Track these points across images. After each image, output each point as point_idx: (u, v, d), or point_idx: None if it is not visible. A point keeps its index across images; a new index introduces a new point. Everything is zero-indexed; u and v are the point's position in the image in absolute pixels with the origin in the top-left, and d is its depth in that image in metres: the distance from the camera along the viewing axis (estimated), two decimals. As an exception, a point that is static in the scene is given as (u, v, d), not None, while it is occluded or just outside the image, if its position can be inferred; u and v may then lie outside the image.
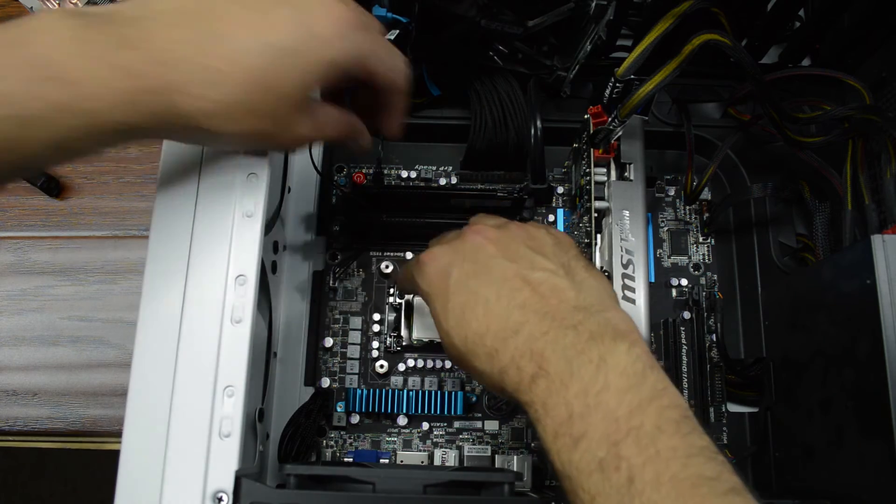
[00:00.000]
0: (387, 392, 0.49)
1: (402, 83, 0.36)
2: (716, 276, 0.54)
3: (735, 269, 0.53)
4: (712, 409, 0.50)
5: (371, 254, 0.53)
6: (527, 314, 0.31)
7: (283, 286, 0.50)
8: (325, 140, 0.37)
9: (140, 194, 0.59)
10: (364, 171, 0.53)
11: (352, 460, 0.48)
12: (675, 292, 0.53)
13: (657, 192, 0.55)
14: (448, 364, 0.51)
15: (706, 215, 0.54)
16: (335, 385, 0.50)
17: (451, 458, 0.48)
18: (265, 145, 0.35)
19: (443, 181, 0.54)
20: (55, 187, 0.58)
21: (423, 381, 0.50)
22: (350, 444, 0.49)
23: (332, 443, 0.49)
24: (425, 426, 0.50)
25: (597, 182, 0.47)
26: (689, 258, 0.54)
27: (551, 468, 0.29)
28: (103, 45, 0.27)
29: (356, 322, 0.51)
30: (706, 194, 0.55)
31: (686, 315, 0.52)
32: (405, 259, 0.53)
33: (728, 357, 0.49)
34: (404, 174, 0.54)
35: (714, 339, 0.50)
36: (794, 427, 0.45)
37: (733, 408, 0.51)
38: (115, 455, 0.30)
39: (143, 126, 0.29)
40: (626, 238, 0.45)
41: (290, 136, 0.32)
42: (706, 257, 0.54)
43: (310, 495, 0.32)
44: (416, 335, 0.49)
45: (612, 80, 0.44)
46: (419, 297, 0.42)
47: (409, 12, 0.42)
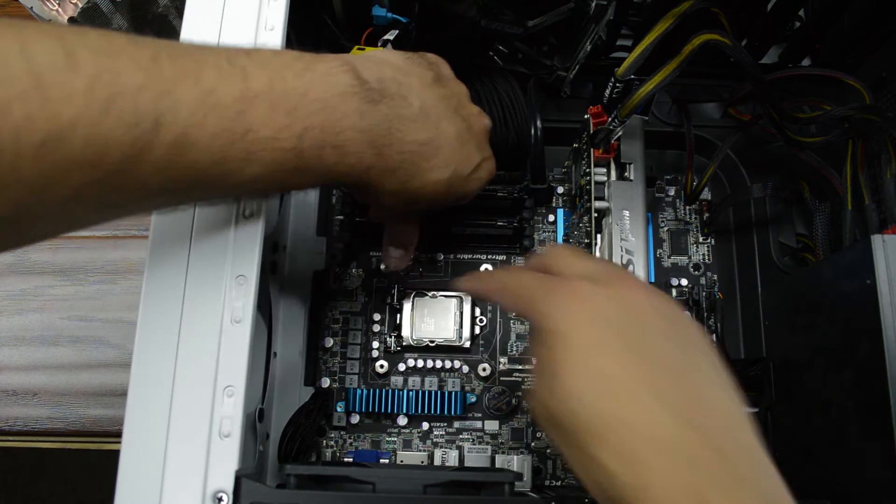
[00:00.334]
0: (387, 392, 0.49)
1: None
2: (716, 277, 0.54)
3: (735, 269, 0.53)
4: (712, 409, 0.50)
5: (371, 254, 0.53)
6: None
7: (283, 286, 0.50)
8: (395, 233, 0.41)
9: (140, 194, 0.59)
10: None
11: (352, 460, 0.48)
12: (675, 292, 0.53)
13: (657, 192, 0.55)
14: (448, 364, 0.51)
15: (706, 215, 0.54)
16: (335, 385, 0.50)
17: (451, 459, 0.48)
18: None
19: (443, 181, 0.54)
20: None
21: (423, 381, 0.50)
22: (350, 444, 0.49)
23: (332, 443, 0.49)
24: (425, 426, 0.50)
25: (597, 182, 0.47)
26: (689, 258, 0.54)
27: None
28: (377, 134, 0.31)
29: (356, 322, 0.51)
30: (706, 194, 0.55)
31: (686, 315, 0.52)
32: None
33: (728, 357, 0.49)
34: (404, 174, 0.54)
35: (714, 339, 0.50)
36: (794, 427, 0.44)
37: (733, 408, 0.51)
38: (115, 455, 0.30)
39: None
40: (626, 238, 0.45)
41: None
42: (706, 257, 0.54)
43: (310, 495, 0.32)
44: (416, 335, 0.49)
45: (612, 80, 0.44)
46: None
47: (409, 12, 0.42)
